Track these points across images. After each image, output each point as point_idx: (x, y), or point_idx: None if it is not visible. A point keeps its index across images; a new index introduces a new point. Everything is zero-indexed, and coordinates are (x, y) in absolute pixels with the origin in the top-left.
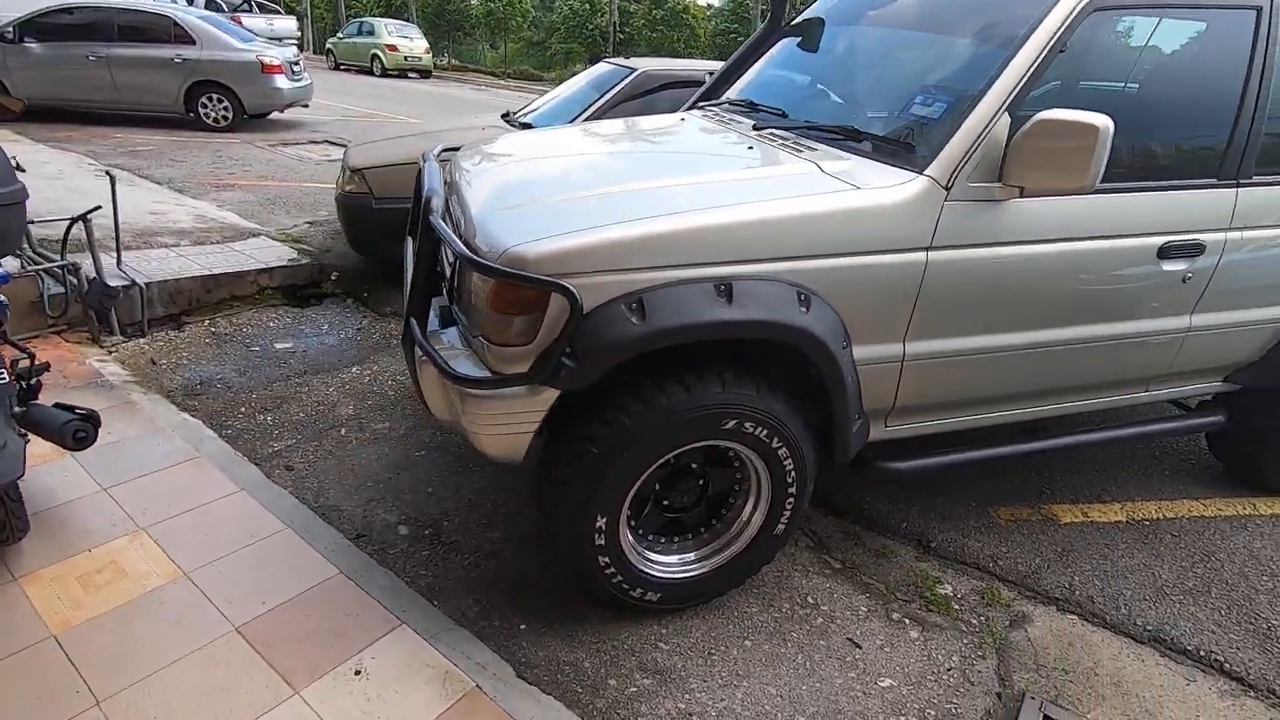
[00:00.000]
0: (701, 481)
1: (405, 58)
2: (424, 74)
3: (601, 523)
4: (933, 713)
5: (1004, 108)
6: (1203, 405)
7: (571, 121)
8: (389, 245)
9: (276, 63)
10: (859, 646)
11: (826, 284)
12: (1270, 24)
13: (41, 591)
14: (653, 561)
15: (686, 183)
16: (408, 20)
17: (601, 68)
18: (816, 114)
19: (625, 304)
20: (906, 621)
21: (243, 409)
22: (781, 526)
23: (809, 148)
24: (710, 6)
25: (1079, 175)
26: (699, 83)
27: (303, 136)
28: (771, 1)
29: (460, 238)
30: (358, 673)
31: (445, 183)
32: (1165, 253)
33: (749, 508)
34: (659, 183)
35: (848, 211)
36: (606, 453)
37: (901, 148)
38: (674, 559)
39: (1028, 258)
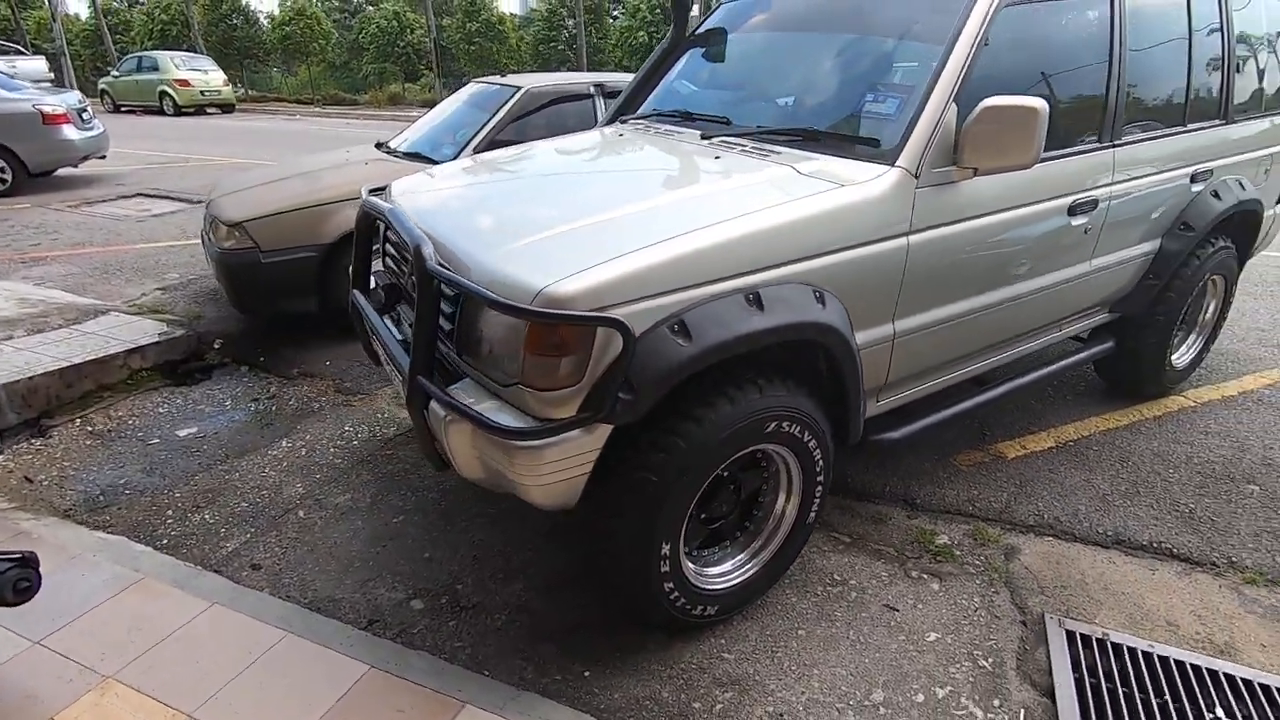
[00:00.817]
0: (734, 487)
1: (202, 92)
2: (225, 108)
3: (666, 549)
4: (979, 653)
5: (950, 98)
6: (1092, 336)
7: (468, 145)
8: (283, 301)
9: (60, 111)
10: (896, 610)
11: (832, 278)
12: (1120, 6)
13: None
14: (709, 575)
15: (680, 198)
16: (194, 51)
17: (476, 89)
18: (761, 118)
19: (668, 327)
20: (925, 576)
21: (170, 512)
22: (813, 515)
23: (773, 152)
24: (515, 16)
25: (1024, 152)
26: (585, 95)
27: (109, 192)
28: (674, 13)
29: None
30: None
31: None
32: (1073, 210)
33: (781, 501)
34: (655, 201)
35: (841, 208)
36: (665, 479)
37: (865, 143)
38: (728, 566)
39: (982, 228)
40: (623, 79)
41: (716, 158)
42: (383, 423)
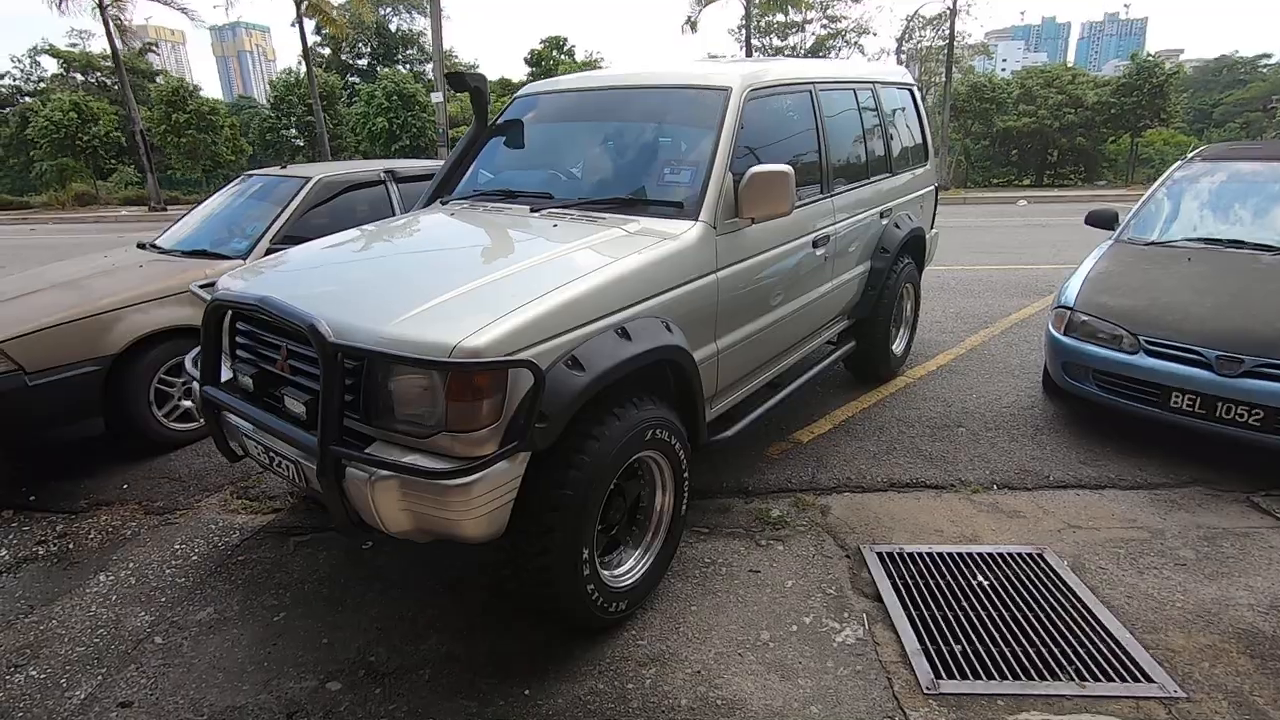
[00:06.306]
0: (622, 497)
1: None
2: None
3: (585, 554)
4: (825, 584)
5: (727, 169)
6: (839, 339)
7: (263, 236)
8: (58, 428)
9: None
10: (758, 572)
11: (671, 310)
12: (816, 98)
13: None
14: (617, 574)
15: (544, 260)
16: None
17: (257, 181)
18: (578, 192)
19: (564, 363)
20: (770, 542)
21: None
22: (685, 507)
23: (600, 218)
24: (222, 103)
25: (784, 204)
26: (376, 182)
27: None
28: (474, 108)
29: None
30: None
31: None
32: (816, 244)
33: (660, 498)
34: (525, 264)
35: (670, 255)
36: (580, 492)
37: (672, 205)
38: (630, 563)
39: (764, 261)
40: (412, 165)
41: (555, 225)
42: (220, 531)
